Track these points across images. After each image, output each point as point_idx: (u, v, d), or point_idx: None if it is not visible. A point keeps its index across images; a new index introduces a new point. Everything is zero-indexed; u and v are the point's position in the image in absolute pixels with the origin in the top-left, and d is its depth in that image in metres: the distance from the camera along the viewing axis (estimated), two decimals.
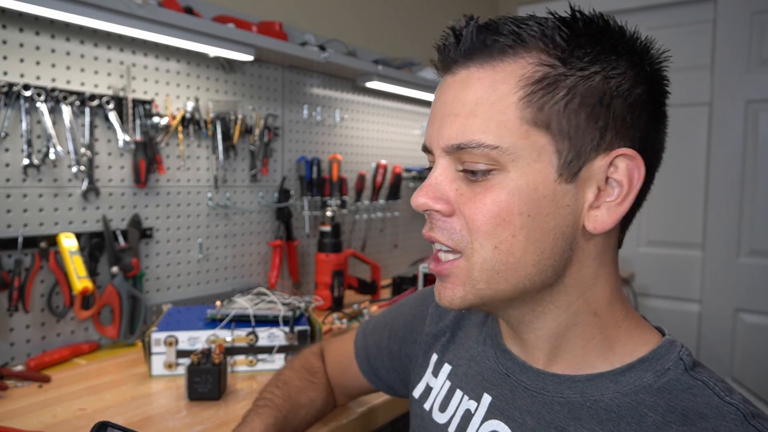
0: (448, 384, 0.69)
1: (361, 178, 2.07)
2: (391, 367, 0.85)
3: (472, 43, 0.52)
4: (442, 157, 0.55)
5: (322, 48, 1.71)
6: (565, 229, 0.52)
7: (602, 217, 0.52)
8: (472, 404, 0.64)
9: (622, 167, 0.52)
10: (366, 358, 0.88)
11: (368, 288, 1.87)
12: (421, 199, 0.55)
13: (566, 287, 0.54)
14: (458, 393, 0.67)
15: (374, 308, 1.67)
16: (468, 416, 0.63)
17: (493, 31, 0.52)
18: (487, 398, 0.62)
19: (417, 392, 0.75)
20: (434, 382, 0.72)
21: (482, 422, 0.61)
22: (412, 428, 0.76)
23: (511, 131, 0.50)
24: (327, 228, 1.74)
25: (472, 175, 0.53)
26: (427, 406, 0.71)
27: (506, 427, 0.58)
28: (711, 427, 0.47)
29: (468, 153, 0.52)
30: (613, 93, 0.51)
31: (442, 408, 0.68)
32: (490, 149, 0.50)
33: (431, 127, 0.56)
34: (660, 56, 0.54)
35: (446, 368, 0.71)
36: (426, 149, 0.58)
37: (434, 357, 0.74)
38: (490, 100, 0.51)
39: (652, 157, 0.54)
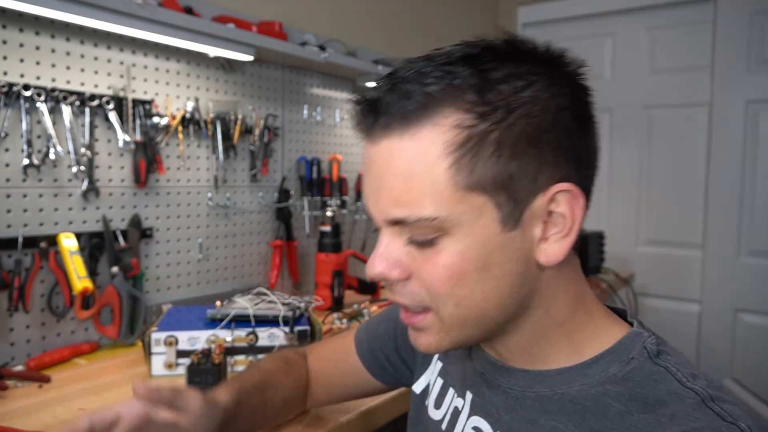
0: (440, 381, 0.72)
1: (361, 178, 2.07)
2: (399, 359, 0.84)
3: (388, 113, 0.51)
4: (386, 227, 0.54)
5: (322, 48, 1.71)
6: (519, 269, 0.52)
7: (553, 250, 0.52)
8: (459, 402, 0.66)
9: (563, 201, 0.51)
10: (369, 350, 0.87)
11: (368, 288, 1.87)
12: (376, 269, 0.54)
13: (531, 310, 0.55)
14: (450, 391, 0.69)
15: (374, 308, 1.67)
16: (456, 413, 0.66)
17: (404, 95, 0.50)
18: (469, 396, 0.64)
19: (419, 387, 0.76)
20: (431, 378, 0.74)
21: (467, 419, 0.63)
22: (409, 419, 0.77)
23: (447, 200, 0.49)
24: (327, 228, 1.74)
25: (418, 242, 0.52)
26: (426, 402, 0.73)
27: (486, 423, 0.60)
28: (669, 413, 0.48)
29: (409, 226, 0.52)
30: (541, 128, 0.49)
31: (437, 405, 0.70)
32: (429, 221, 0.50)
33: (367, 198, 0.55)
34: (576, 64, 0.54)
35: (438, 365, 0.74)
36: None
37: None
38: (419, 171, 0.50)
39: (587, 168, 0.54)
